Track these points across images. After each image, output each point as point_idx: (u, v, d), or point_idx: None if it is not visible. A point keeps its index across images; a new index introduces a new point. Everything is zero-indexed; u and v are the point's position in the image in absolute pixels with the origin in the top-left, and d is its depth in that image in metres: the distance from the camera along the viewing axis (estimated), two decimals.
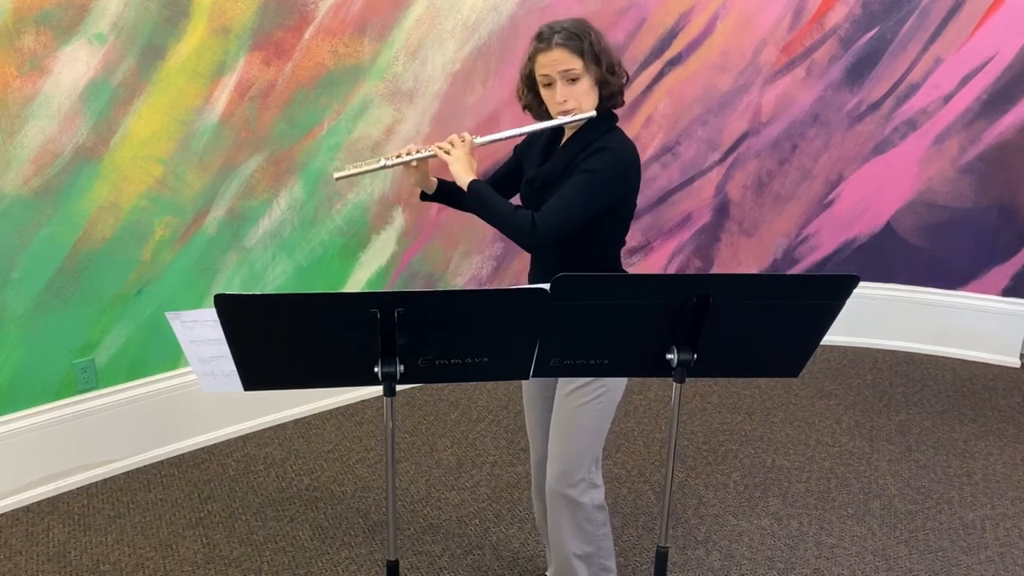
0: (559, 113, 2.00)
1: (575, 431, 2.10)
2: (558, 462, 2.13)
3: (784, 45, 3.91)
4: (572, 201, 1.95)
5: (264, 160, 3.18)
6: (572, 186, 1.96)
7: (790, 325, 1.67)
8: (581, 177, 1.95)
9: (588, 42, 1.95)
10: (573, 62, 1.94)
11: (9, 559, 2.64)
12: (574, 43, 1.95)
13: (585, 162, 1.97)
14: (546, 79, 1.98)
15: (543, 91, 2.02)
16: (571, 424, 2.10)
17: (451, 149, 2.05)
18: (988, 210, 3.97)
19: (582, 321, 1.63)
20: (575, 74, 1.95)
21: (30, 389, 2.89)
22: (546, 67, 1.96)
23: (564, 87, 1.96)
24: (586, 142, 2.00)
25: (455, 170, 2.04)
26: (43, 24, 2.64)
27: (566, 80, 1.96)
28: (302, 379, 1.80)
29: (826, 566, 2.64)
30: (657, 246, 4.21)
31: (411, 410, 3.56)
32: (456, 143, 2.05)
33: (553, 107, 2.01)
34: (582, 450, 2.12)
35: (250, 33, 3.02)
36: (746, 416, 3.56)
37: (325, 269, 3.45)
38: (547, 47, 1.96)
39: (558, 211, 1.94)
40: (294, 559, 2.65)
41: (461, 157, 2.04)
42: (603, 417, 2.12)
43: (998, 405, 3.70)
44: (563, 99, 1.97)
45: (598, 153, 1.97)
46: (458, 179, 2.04)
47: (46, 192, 2.77)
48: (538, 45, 1.98)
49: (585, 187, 1.95)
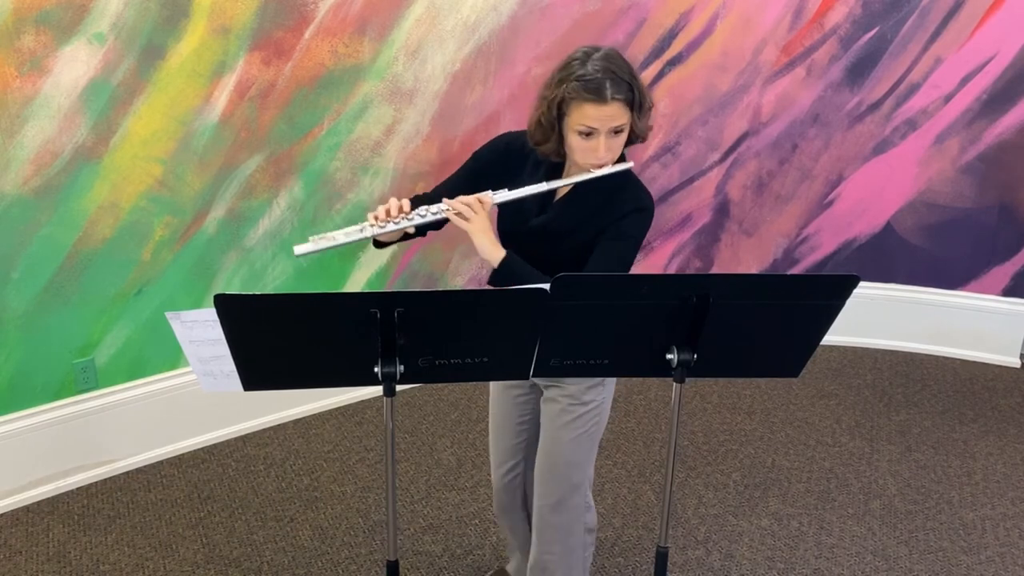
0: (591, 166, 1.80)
1: (569, 463, 2.07)
2: (554, 491, 2.09)
3: (784, 45, 3.91)
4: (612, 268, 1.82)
5: (264, 160, 3.18)
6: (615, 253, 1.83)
7: (790, 325, 1.67)
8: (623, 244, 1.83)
9: (636, 91, 1.78)
10: (624, 117, 1.77)
11: (9, 559, 2.64)
12: (627, 96, 1.76)
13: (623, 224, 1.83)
14: (587, 129, 1.76)
15: (575, 138, 1.79)
16: (564, 456, 2.07)
17: (472, 216, 1.79)
18: (988, 210, 3.97)
19: (582, 321, 1.63)
20: (622, 127, 1.78)
21: (30, 389, 2.89)
22: (595, 121, 1.75)
23: (608, 140, 1.77)
24: (609, 188, 1.85)
25: (480, 243, 1.80)
26: (43, 24, 2.64)
27: (611, 133, 1.77)
28: (302, 379, 1.80)
29: (826, 566, 2.64)
30: (657, 246, 4.21)
31: (411, 410, 3.56)
32: (476, 208, 1.80)
33: (585, 158, 1.80)
34: (578, 477, 2.10)
35: (250, 33, 3.02)
36: (746, 416, 3.56)
37: (325, 269, 3.45)
38: (601, 100, 1.73)
39: None
40: (294, 559, 2.65)
41: (486, 227, 1.79)
42: (594, 443, 2.10)
43: (998, 405, 3.70)
44: (607, 154, 1.78)
45: (635, 214, 1.84)
46: (485, 254, 1.81)
47: (46, 192, 2.77)
48: (585, 95, 1.73)
49: (627, 254, 1.85)
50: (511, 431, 2.22)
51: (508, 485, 2.28)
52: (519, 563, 2.40)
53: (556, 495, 2.10)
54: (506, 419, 2.23)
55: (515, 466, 2.26)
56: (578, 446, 2.07)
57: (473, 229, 1.80)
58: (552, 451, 2.09)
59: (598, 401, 2.06)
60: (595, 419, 2.07)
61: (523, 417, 2.21)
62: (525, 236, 1.92)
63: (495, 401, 2.25)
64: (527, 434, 2.22)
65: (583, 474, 2.11)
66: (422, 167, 3.49)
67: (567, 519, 2.12)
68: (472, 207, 1.80)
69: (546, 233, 1.88)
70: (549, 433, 2.09)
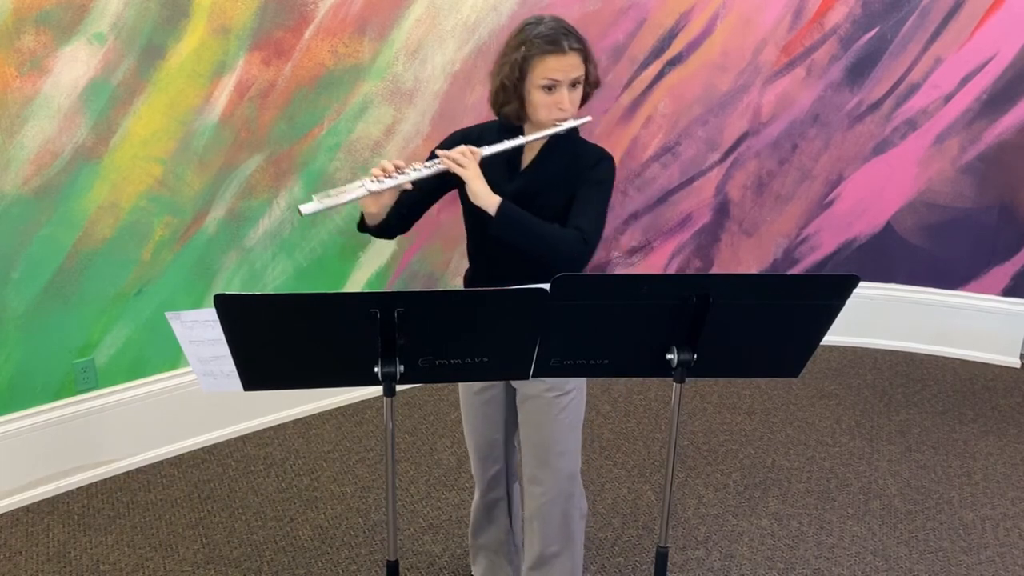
0: (555, 120, 1.89)
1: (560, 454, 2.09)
2: (553, 486, 2.11)
3: (784, 45, 3.91)
4: (600, 211, 1.93)
5: (264, 160, 3.18)
6: (596, 198, 1.92)
7: (790, 325, 1.67)
8: (600, 189, 1.93)
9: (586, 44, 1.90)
10: (581, 68, 1.88)
11: (9, 559, 2.64)
12: (584, 49, 1.87)
13: (594, 172, 1.94)
14: (550, 83, 1.86)
15: (537, 94, 1.88)
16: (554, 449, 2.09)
17: (467, 163, 1.84)
18: (988, 210, 3.97)
19: (582, 321, 1.63)
20: (579, 79, 1.88)
21: (30, 389, 2.89)
22: (558, 72, 1.84)
23: (571, 93, 1.87)
24: (572, 148, 1.95)
25: (476, 188, 1.83)
26: (43, 24, 2.64)
27: (571, 86, 1.87)
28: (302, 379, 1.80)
29: (826, 566, 2.64)
30: (657, 246, 4.21)
31: (411, 410, 3.56)
32: (469, 156, 1.85)
33: (550, 113, 1.88)
34: (572, 468, 2.12)
35: (250, 33, 3.02)
36: (746, 416, 3.56)
37: (325, 269, 3.45)
38: (560, 51, 1.83)
39: (596, 223, 1.90)
40: (294, 559, 2.65)
41: (479, 173, 1.84)
42: (579, 427, 2.12)
43: (998, 405, 3.70)
44: (569, 107, 1.88)
45: (603, 162, 1.95)
46: (481, 199, 1.84)
47: (46, 192, 2.77)
48: (546, 47, 1.83)
49: (605, 197, 1.95)
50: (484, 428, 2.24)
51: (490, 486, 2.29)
52: (487, 568, 2.41)
53: (557, 487, 2.11)
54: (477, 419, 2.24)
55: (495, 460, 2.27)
56: (569, 433, 2.10)
57: (469, 175, 1.84)
58: (544, 445, 2.10)
59: (576, 387, 2.09)
60: (577, 403, 2.09)
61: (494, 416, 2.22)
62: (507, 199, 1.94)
63: (464, 403, 2.26)
64: (502, 431, 2.24)
65: (577, 461, 2.14)
66: None
67: (568, 509, 2.14)
68: (465, 155, 1.85)
69: (518, 198, 1.89)
70: (536, 428, 2.10)
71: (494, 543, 2.38)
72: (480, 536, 2.40)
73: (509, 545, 2.38)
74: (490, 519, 2.36)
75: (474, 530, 2.40)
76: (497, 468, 2.28)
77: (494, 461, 2.27)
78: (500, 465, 2.28)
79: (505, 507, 2.34)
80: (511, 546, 2.38)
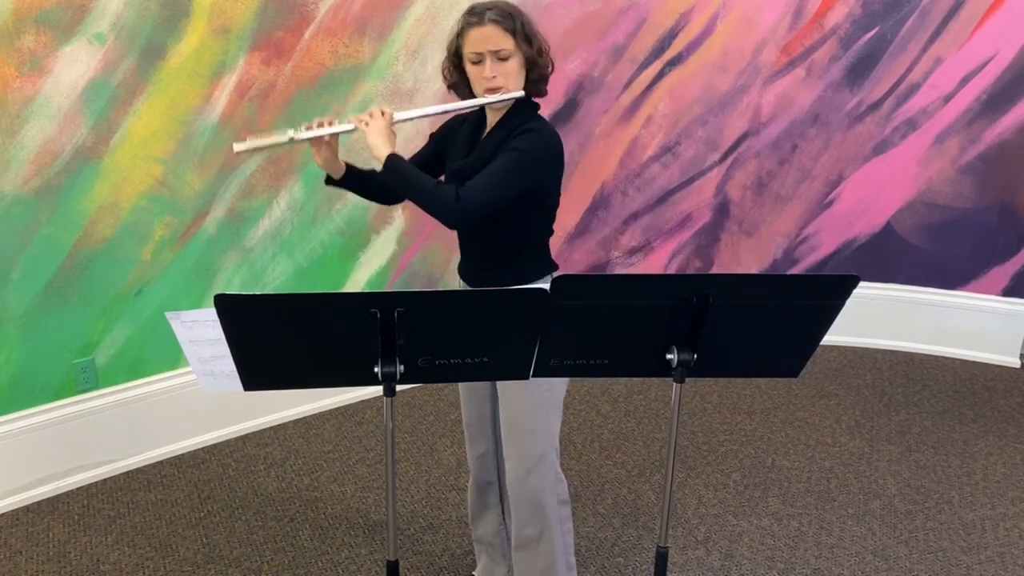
0: (486, 91, 1.97)
1: (532, 430, 2.10)
2: (522, 462, 2.12)
3: (784, 45, 3.91)
4: (497, 177, 1.92)
5: (264, 160, 3.18)
6: (497, 163, 1.94)
7: (790, 325, 1.67)
8: (507, 155, 1.94)
9: (520, 22, 1.95)
10: (505, 40, 1.94)
11: (9, 559, 2.64)
12: (507, 22, 1.94)
13: (510, 142, 1.96)
14: (476, 56, 1.95)
15: (470, 68, 1.99)
16: (526, 423, 2.10)
17: (370, 121, 1.99)
18: (988, 210, 3.97)
19: (582, 321, 1.63)
20: (506, 53, 1.94)
21: (30, 389, 2.89)
22: (478, 43, 1.94)
23: (494, 64, 1.95)
24: (510, 128, 1.99)
25: (373, 141, 1.97)
26: (43, 24, 2.64)
27: (496, 58, 1.95)
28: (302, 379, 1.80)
29: (826, 566, 2.64)
30: (657, 246, 4.21)
31: (411, 410, 3.56)
32: (376, 115, 1.99)
33: (480, 84, 1.98)
34: (543, 445, 2.12)
35: (250, 33, 3.02)
36: (746, 416, 3.56)
37: (325, 269, 3.45)
38: (479, 22, 1.93)
39: (483, 186, 1.91)
40: (294, 559, 2.65)
41: (381, 129, 1.97)
42: (555, 407, 2.13)
43: (998, 405, 3.70)
44: (492, 75, 1.95)
45: (524, 134, 1.96)
46: (376, 151, 1.96)
47: (46, 192, 2.77)
48: (469, 19, 1.95)
49: (511, 164, 1.93)
50: (476, 401, 2.27)
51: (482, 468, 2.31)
52: (486, 565, 2.42)
53: (524, 465, 2.12)
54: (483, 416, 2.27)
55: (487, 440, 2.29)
56: (535, 411, 2.09)
57: (368, 130, 1.98)
58: (512, 421, 2.12)
59: None
60: (546, 383, 2.08)
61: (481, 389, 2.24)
62: (452, 177, 2.08)
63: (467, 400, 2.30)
64: (492, 403, 2.25)
65: (547, 443, 2.13)
66: None
67: (536, 490, 2.13)
68: (372, 115, 1.99)
69: (465, 171, 2.01)
70: (507, 404, 2.12)
71: (490, 534, 2.39)
72: (477, 526, 2.40)
73: (503, 538, 2.38)
74: (483, 504, 2.37)
75: (471, 518, 2.42)
76: (485, 447, 2.30)
77: (483, 440, 2.29)
78: (488, 445, 2.29)
79: (496, 492, 2.35)
80: (505, 541, 2.38)
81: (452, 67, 2.05)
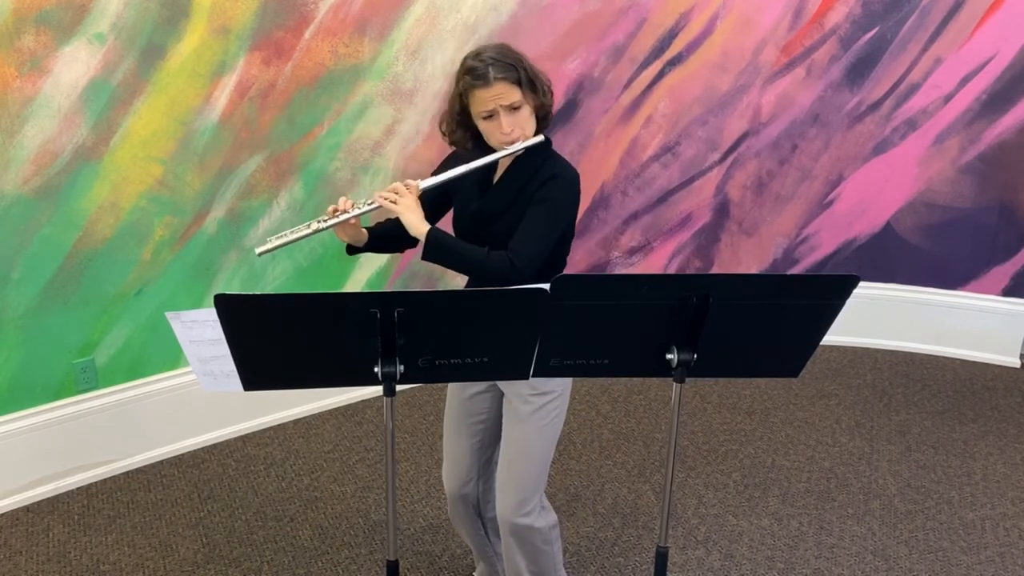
0: (503, 143, 1.95)
1: (531, 456, 2.09)
2: (514, 492, 2.10)
3: (784, 45, 3.91)
4: (542, 232, 1.94)
5: (264, 160, 3.18)
6: (537, 217, 1.94)
7: (790, 325, 1.67)
8: (544, 207, 1.94)
9: (522, 71, 1.93)
10: (513, 94, 1.91)
11: (9, 559, 2.64)
12: (511, 74, 1.91)
13: (541, 192, 1.95)
14: (487, 112, 1.93)
15: (483, 124, 1.96)
16: (525, 449, 2.09)
17: (398, 199, 1.95)
18: (988, 210, 3.97)
19: (582, 321, 1.63)
20: (517, 103, 1.93)
21: (30, 389, 2.89)
22: (487, 102, 1.91)
23: (508, 117, 1.92)
24: (531, 169, 1.98)
25: (408, 220, 1.94)
26: (43, 24, 2.64)
27: (509, 111, 1.92)
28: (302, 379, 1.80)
29: (826, 566, 2.64)
30: (657, 246, 4.21)
31: (411, 410, 3.56)
32: (402, 191, 1.96)
33: (497, 138, 1.96)
34: (538, 475, 2.11)
35: (250, 33, 3.02)
36: (746, 416, 3.56)
37: (325, 269, 3.45)
38: (485, 83, 1.90)
39: (531, 245, 1.92)
40: (294, 559, 2.65)
41: (411, 205, 1.95)
42: (554, 438, 2.13)
43: (998, 405, 3.70)
44: (510, 129, 1.93)
45: (552, 181, 1.95)
46: (413, 229, 1.95)
47: (46, 192, 2.77)
48: (473, 82, 1.91)
49: (550, 216, 1.95)
50: (465, 431, 2.23)
51: (461, 492, 2.27)
52: (484, 570, 2.42)
53: (519, 494, 2.09)
54: (460, 419, 2.23)
55: (468, 470, 2.25)
56: (540, 437, 2.09)
57: (400, 209, 1.94)
58: (514, 443, 2.10)
59: (559, 391, 2.08)
60: (556, 409, 2.09)
61: (478, 416, 2.21)
62: (467, 221, 2.07)
63: (449, 403, 2.26)
64: (481, 435, 2.22)
65: (542, 470, 2.12)
66: (422, 167, 3.49)
67: (530, 519, 2.12)
68: (398, 191, 1.96)
69: (480, 216, 2.02)
70: (511, 427, 2.11)
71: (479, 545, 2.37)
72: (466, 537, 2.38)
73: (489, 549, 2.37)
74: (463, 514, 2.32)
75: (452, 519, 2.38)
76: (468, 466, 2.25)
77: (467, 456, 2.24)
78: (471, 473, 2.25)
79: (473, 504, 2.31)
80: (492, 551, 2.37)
81: (457, 125, 2.01)
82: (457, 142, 2.05)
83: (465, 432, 2.23)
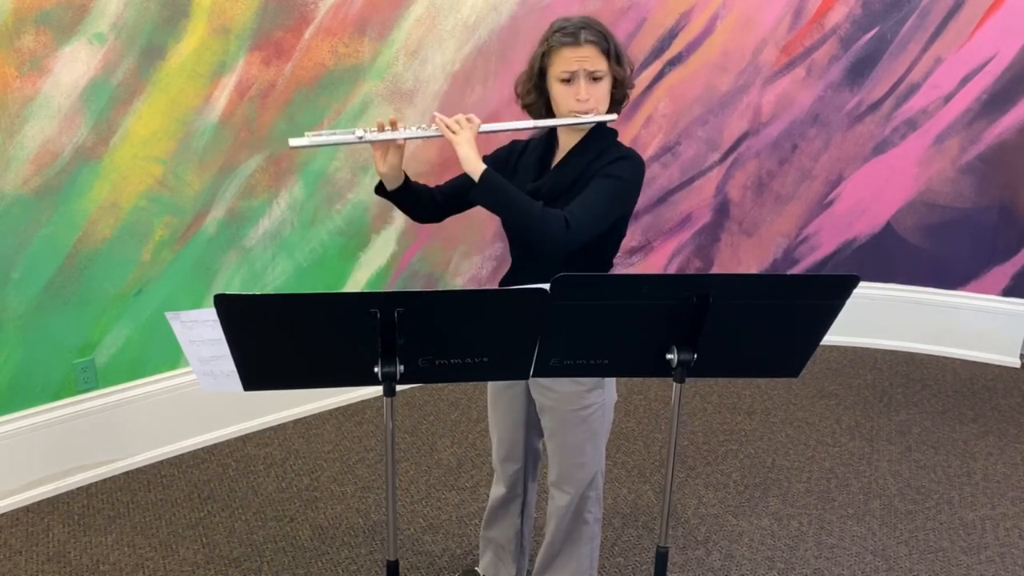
0: (575, 112, 1.89)
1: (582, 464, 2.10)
2: (569, 492, 2.11)
3: (784, 45, 3.91)
4: (603, 205, 1.86)
5: (264, 160, 3.18)
6: (599, 190, 1.86)
7: (790, 325, 1.67)
8: (608, 181, 1.87)
9: (613, 44, 1.89)
10: (600, 62, 1.87)
11: (9, 559, 2.64)
12: (603, 43, 1.87)
13: (608, 168, 1.89)
14: (568, 75, 1.86)
15: (558, 87, 1.89)
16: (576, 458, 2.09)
17: (459, 129, 1.84)
18: (988, 210, 3.97)
19: (582, 321, 1.63)
20: (600, 74, 1.87)
21: (30, 389, 2.89)
22: (572, 63, 1.85)
23: (588, 85, 1.86)
24: (597, 151, 1.92)
25: (465, 153, 1.83)
26: (43, 24, 2.64)
27: (590, 79, 1.87)
28: (302, 379, 1.80)
29: (826, 566, 2.64)
30: (657, 246, 4.21)
31: (411, 410, 3.56)
32: (463, 123, 1.85)
33: (568, 105, 1.89)
34: (594, 474, 2.12)
35: (250, 33, 3.02)
36: (746, 416, 3.56)
37: (325, 269, 3.45)
38: (575, 42, 1.85)
39: (589, 213, 1.83)
40: (294, 559, 2.65)
41: (471, 140, 1.84)
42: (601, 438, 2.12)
43: (998, 405, 3.70)
44: (586, 97, 1.87)
45: (620, 160, 1.90)
46: (468, 164, 1.83)
47: (46, 192, 2.77)
48: (563, 39, 1.85)
49: (613, 191, 1.88)
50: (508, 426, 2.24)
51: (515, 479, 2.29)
52: (492, 561, 2.41)
53: (571, 494, 2.12)
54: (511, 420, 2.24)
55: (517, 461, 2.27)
56: (584, 446, 2.09)
57: (459, 140, 1.84)
58: (563, 454, 2.10)
59: (598, 403, 2.07)
60: (599, 419, 2.08)
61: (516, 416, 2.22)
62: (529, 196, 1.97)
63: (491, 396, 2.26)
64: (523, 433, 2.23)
65: (596, 469, 2.13)
66: (422, 167, 3.49)
67: (580, 515, 2.14)
68: (460, 122, 1.86)
69: (541, 196, 1.91)
70: (557, 441, 2.10)
71: (503, 539, 2.38)
72: (491, 529, 2.40)
73: (517, 545, 2.38)
74: (504, 514, 2.36)
75: (487, 522, 2.40)
76: (516, 467, 2.28)
77: (514, 460, 2.27)
78: (519, 465, 2.27)
79: (519, 506, 2.34)
80: (518, 547, 2.38)
81: (533, 87, 1.94)
82: (530, 106, 1.97)
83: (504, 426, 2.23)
